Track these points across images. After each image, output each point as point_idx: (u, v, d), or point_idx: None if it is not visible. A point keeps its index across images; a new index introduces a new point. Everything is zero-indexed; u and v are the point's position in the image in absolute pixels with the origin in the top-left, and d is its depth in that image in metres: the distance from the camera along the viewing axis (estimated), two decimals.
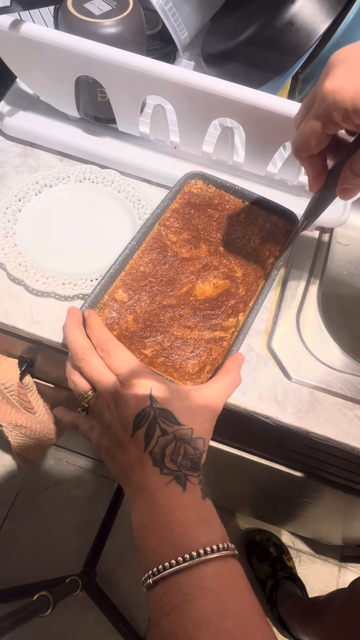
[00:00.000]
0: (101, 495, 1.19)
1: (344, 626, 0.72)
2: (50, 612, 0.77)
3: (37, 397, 0.66)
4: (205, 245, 0.50)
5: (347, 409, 0.46)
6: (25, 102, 0.61)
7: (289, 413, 0.46)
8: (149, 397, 0.36)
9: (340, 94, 0.29)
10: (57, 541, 1.14)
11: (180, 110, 0.50)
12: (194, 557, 0.30)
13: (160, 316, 0.45)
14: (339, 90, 0.29)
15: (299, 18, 0.53)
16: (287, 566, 1.11)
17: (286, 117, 0.45)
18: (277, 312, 0.51)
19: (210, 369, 0.43)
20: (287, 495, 0.79)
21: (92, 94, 0.55)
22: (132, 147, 0.59)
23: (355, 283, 0.62)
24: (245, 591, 0.30)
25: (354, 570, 1.18)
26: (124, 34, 0.51)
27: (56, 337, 0.48)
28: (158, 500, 0.32)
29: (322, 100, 0.30)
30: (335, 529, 0.95)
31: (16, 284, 0.50)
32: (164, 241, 0.49)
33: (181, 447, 0.34)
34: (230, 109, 0.47)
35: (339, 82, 0.29)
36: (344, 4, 0.53)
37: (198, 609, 0.28)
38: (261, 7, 0.57)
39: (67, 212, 0.55)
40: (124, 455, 0.35)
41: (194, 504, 0.33)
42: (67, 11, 0.50)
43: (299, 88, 0.62)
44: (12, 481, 1.20)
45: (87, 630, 1.05)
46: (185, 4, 0.61)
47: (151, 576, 0.30)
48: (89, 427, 0.38)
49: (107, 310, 0.45)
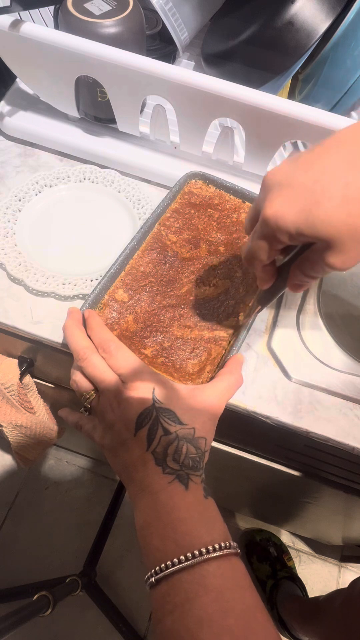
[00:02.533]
0: (101, 495, 1.19)
1: (343, 626, 0.72)
2: (50, 612, 0.76)
3: (37, 397, 0.66)
4: (205, 245, 0.50)
5: (347, 409, 0.46)
6: (25, 102, 0.61)
7: (289, 413, 0.46)
8: (152, 397, 0.36)
9: (282, 219, 0.30)
10: (57, 541, 1.13)
11: (180, 110, 0.50)
12: (196, 556, 0.30)
13: (161, 316, 0.45)
14: (281, 216, 0.30)
15: (299, 18, 0.53)
16: (287, 566, 1.11)
17: (286, 117, 0.45)
18: (277, 312, 0.51)
19: (211, 369, 0.43)
20: (287, 495, 0.79)
21: (92, 94, 0.55)
22: (132, 147, 0.59)
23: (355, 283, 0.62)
24: (248, 589, 0.30)
25: (354, 570, 1.18)
26: (124, 34, 0.51)
27: (56, 337, 0.48)
28: (161, 499, 0.33)
29: (266, 224, 0.31)
30: (335, 529, 0.95)
31: (16, 284, 0.50)
32: (164, 241, 0.49)
33: (183, 447, 0.34)
34: (230, 109, 0.47)
35: (279, 207, 0.30)
36: (344, 4, 0.53)
37: (200, 607, 0.29)
38: (261, 7, 0.57)
39: (67, 212, 0.55)
40: (127, 454, 0.35)
41: (196, 503, 0.33)
42: (67, 11, 0.50)
43: (299, 88, 0.62)
44: (12, 481, 1.20)
45: (87, 630, 1.05)
46: (185, 4, 0.61)
47: (154, 574, 0.31)
48: (92, 427, 0.39)
49: (108, 310, 0.45)
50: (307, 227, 0.30)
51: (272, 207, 0.31)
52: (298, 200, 0.30)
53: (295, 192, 0.30)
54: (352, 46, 0.52)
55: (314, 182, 0.29)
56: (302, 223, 0.30)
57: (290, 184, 0.30)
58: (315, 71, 0.57)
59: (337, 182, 0.29)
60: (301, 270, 0.34)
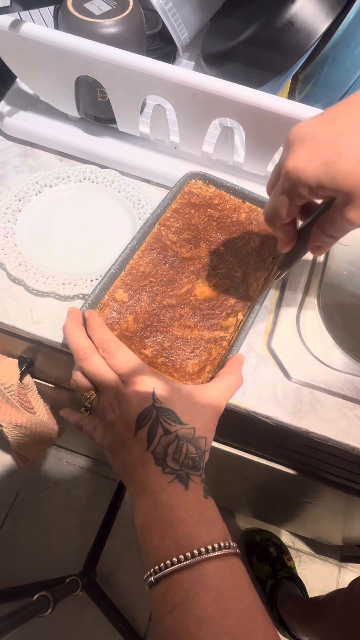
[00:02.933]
0: (101, 495, 1.19)
1: (343, 626, 0.72)
2: (50, 612, 0.76)
3: (37, 397, 0.66)
4: (205, 245, 0.50)
5: (347, 409, 0.46)
6: (25, 102, 0.61)
7: (289, 413, 0.46)
8: (152, 397, 0.36)
9: (303, 172, 0.31)
10: (57, 541, 1.13)
11: (180, 110, 0.50)
12: (195, 555, 0.30)
13: (161, 316, 0.45)
14: (302, 169, 0.31)
15: (299, 18, 0.53)
16: (287, 566, 1.11)
17: (286, 117, 0.45)
18: (277, 312, 0.51)
19: (211, 369, 0.43)
20: (287, 495, 0.79)
21: (92, 94, 0.55)
22: (132, 147, 0.59)
23: (355, 283, 0.62)
24: (247, 589, 0.30)
25: (354, 570, 1.18)
26: (124, 34, 0.51)
27: (56, 337, 0.48)
28: (160, 499, 0.33)
29: (287, 177, 0.32)
30: (335, 529, 0.95)
31: (16, 284, 0.50)
32: (164, 241, 0.49)
33: (183, 447, 0.34)
34: (230, 109, 0.47)
35: (300, 160, 0.31)
36: (344, 4, 0.53)
37: (200, 606, 0.29)
38: (261, 7, 0.57)
39: (67, 212, 0.55)
40: (127, 454, 0.35)
41: (196, 502, 0.33)
42: (67, 11, 0.50)
43: (299, 88, 0.62)
44: (12, 481, 1.20)
45: (87, 630, 1.05)
46: (185, 4, 0.61)
47: (153, 574, 0.30)
48: (92, 426, 0.39)
49: (108, 310, 0.45)
50: (328, 180, 0.30)
51: (294, 160, 0.31)
52: (320, 153, 0.30)
53: (317, 145, 0.30)
54: (352, 46, 0.52)
55: (337, 135, 0.30)
56: (323, 176, 0.30)
57: (313, 138, 0.31)
58: (315, 71, 0.57)
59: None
60: (321, 230, 0.35)
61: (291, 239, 0.38)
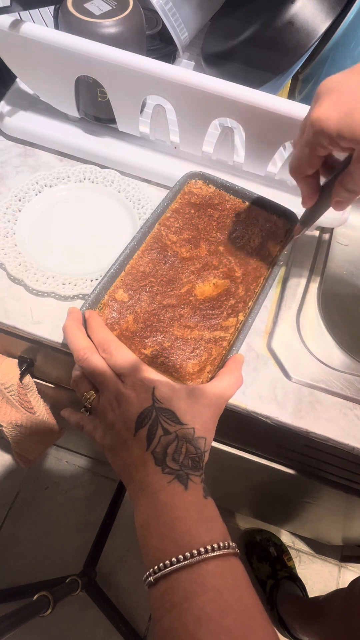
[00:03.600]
0: (101, 495, 1.19)
1: (343, 626, 0.72)
2: (50, 612, 0.76)
3: (37, 397, 0.66)
4: (205, 244, 0.50)
5: (347, 409, 0.46)
6: (25, 102, 0.61)
7: (289, 413, 0.46)
8: (152, 397, 0.36)
9: (325, 122, 0.32)
10: (57, 541, 1.13)
11: (180, 110, 0.50)
12: (195, 555, 0.30)
13: (161, 316, 0.45)
14: (325, 119, 0.32)
15: (299, 18, 0.53)
16: (287, 566, 1.11)
17: (286, 117, 0.45)
18: (277, 312, 0.51)
19: (211, 369, 0.43)
20: (287, 495, 0.79)
21: (92, 94, 0.55)
22: (132, 147, 0.59)
23: (355, 283, 0.62)
24: (246, 589, 0.30)
25: (354, 570, 1.18)
26: (124, 34, 0.51)
27: (56, 337, 0.48)
28: (160, 499, 0.33)
29: (311, 127, 0.33)
30: (335, 529, 0.95)
31: (16, 284, 0.50)
32: (164, 241, 0.49)
33: (183, 447, 0.34)
34: (230, 109, 0.47)
35: (324, 111, 0.32)
36: (344, 4, 0.53)
37: (199, 606, 0.29)
38: (261, 7, 0.57)
39: (67, 212, 0.55)
40: (127, 454, 0.35)
41: (195, 502, 0.33)
42: (67, 11, 0.50)
43: (299, 88, 0.62)
44: (12, 481, 1.20)
45: (87, 630, 1.05)
46: (185, 4, 0.61)
47: (152, 574, 0.30)
48: (92, 427, 0.39)
49: (108, 310, 0.45)
50: (347, 131, 0.31)
51: (318, 110, 0.32)
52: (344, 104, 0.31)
53: (342, 97, 0.31)
54: (352, 46, 0.52)
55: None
56: (344, 126, 0.31)
57: (338, 90, 0.32)
58: (315, 71, 0.57)
59: None
60: (342, 185, 0.36)
61: (313, 192, 0.39)
